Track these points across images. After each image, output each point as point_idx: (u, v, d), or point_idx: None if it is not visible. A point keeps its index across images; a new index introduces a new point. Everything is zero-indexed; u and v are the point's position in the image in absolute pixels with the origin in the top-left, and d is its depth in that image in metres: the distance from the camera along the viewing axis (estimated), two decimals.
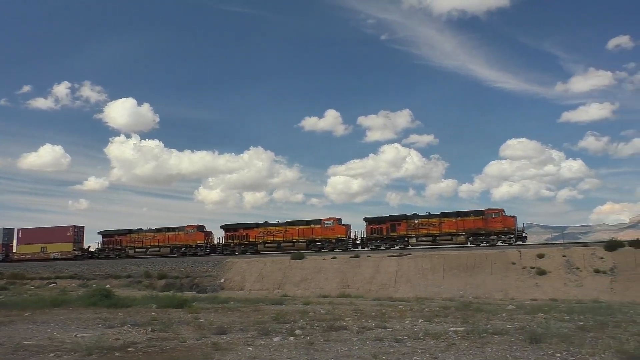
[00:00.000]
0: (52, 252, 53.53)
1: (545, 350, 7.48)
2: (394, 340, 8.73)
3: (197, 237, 49.87)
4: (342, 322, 11.35)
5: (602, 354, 7.19)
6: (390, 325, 10.70)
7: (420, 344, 8.30)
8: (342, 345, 8.45)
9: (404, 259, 34.51)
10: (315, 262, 36.32)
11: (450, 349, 7.87)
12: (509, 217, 43.70)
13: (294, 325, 10.85)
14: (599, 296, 23.92)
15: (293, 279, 34.38)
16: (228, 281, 35.41)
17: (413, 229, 44.69)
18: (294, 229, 47.33)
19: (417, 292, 28.38)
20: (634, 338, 8.53)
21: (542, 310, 13.69)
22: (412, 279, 32.02)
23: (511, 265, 31.60)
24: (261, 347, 8.41)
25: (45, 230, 55.96)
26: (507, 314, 12.74)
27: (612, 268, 29.29)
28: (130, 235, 51.98)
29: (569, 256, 31.18)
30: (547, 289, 27.99)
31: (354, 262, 35.32)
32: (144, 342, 9.09)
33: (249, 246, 47.98)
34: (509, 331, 9.42)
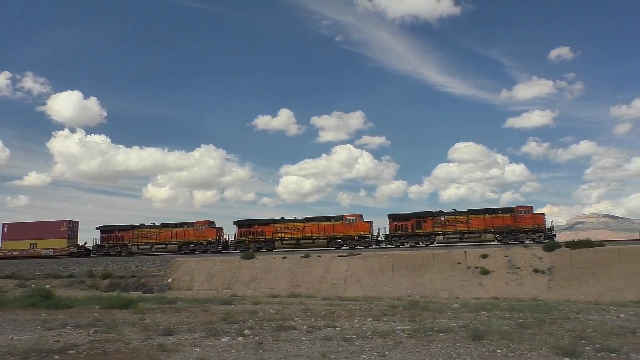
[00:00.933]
0: (43, 248, 50.18)
1: (487, 347, 7.75)
2: (343, 339, 8.81)
3: (207, 233, 47.96)
4: (292, 321, 11.35)
5: (539, 350, 7.52)
6: (339, 324, 10.79)
7: (369, 343, 8.42)
8: (291, 345, 8.45)
9: (354, 258, 34.88)
10: (266, 261, 36.14)
11: (397, 347, 8.02)
12: (538, 215, 43.48)
13: (242, 325, 10.76)
14: (537, 294, 25.02)
15: (243, 279, 34.08)
16: (176, 281, 34.67)
17: (439, 226, 44.00)
18: (313, 225, 45.77)
19: (367, 292, 28.78)
20: (568, 334, 8.98)
21: (485, 308, 14.16)
22: (361, 278, 32.42)
23: (457, 265, 32.55)
24: (209, 348, 8.30)
25: (35, 225, 52.40)
26: (452, 312, 13.10)
27: (550, 268, 30.73)
28: (133, 230, 49.51)
29: (511, 256, 32.45)
30: (490, 288, 29.03)
31: (305, 261, 35.39)
32: (86, 344, 8.77)
33: (265, 243, 46.09)
34: (453, 329, 9.69)
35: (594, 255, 30.95)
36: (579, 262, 30.57)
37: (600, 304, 17.32)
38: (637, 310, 14.08)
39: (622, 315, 12.42)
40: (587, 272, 29.64)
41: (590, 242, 33.56)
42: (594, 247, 32.26)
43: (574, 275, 29.63)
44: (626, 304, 17.32)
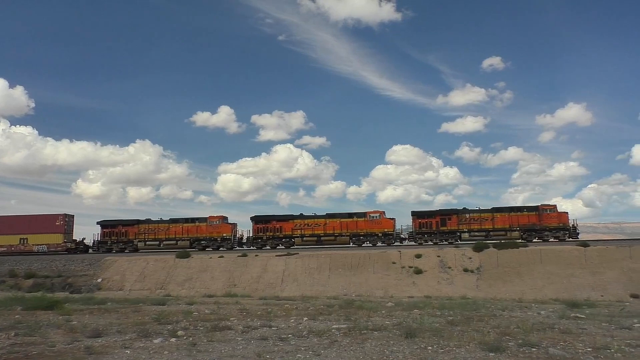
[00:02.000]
0: (35, 244, 46.42)
1: (418, 344, 8.00)
2: (279, 339, 8.81)
3: (222, 229, 46.23)
4: (227, 321, 11.21)
5: (467, 346, 7.86)
6: (275, 324, 10.78)
7: (304, 342, 8.47)
8: (226, 345, 8.35)
9: (291, 258, 34.92)
10: (202, 261, 35.49)
11: (332, 345, 8.11)
12: (563, 214, 43.54)
13: (176, 326, 10.50)
14: (466, 293, 26.12)
15: (177, 279, 33.28)
16: (106, 281, 33.32)
17: (464, 223, 43.82)
18: (335, 222, 44.87)
19: (304, 291, 28.91)
20: (494, 330, 9.44)
21: (418, 306, 14.61)
22: (299, 278, 32.52)
23: (392, 264, 33.36)
24: (140, 350, 8.04)
25: (25, 219, 48.25)
26: (387, 311, 13.41)
27: (479, 267, 32.16)
28: (139, 226, 47.09)
29: (443, 256, 33.66)
30: (423, 287, 29.98)
31: (242, 261, 35.05)
32: (6, 347, 8.25)
33: (284, 240, 44.92)
34: (387, 327, 9.92)
35: (519, 256, 32.70)
36: (505, 262, 32.20)
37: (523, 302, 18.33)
38: (555, 307, 15.01)
39: (542, 312, 13.20)
40: (512, 271, 31.27)
41: (516, 243, 35.41)
42: (519, 248, 34.07)
43: (500, 274, 31.17)
44: (546, 301, 18.44)
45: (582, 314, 12.77)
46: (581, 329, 9.94)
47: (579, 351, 7.50)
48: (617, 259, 31.07)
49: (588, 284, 28.79)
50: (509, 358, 7.01)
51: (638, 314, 12.98)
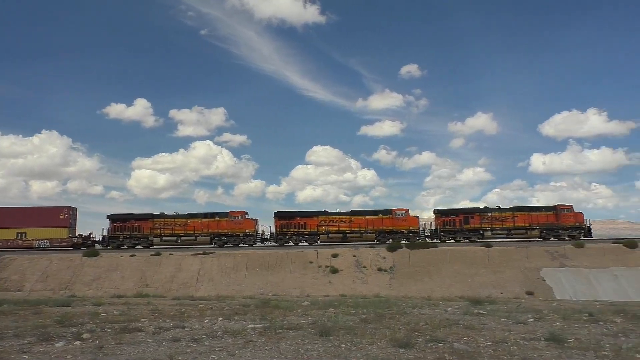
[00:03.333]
0: (36, 239, 42.32)
1: (333, 342, 8.16)
2: (192, 339, 8.61)
3: (245, 224, 44.31)
4: (138, 323, 10.78)
5: (379, 343, 8.13)
6: (189, 324, 10.52)
7: (219, 343, 8.34)
8: (136, 347, 8.03)
9: (207, 257, 34.24)
10: (111, 259, 33.85)
11: (247, 345, 8.06)
12: (579, 214, 44.75)
13: (81, 328, 9.93)
14: (380, 291, 26.98)
15: (84, 278, 31.51)
16: (3, 281, 30.86)
17: (487, 222, 44.41)
18: (360, 219, 44.28)
19: (219, 291, 28.45)
20: (404, 327, 9.83)
21: (333, 305, 14.86)
22: (214, 277, 31.95)
23: (309, 264, 33.71)
24: (40, 354, 7.52)
25: (24, 211, 43.81)
26: (302, 310, 13.52)
27: (392, 267, 33.34)
28: (154, 220, 44.16)
29: (359, 256, 34.53)
30: (339, 286, 30.57)
31: (155, 260, 33.85)
32: None
33: (309, 236, 43.79)
34: (302, 326, 10.02)
35: (429, 256, 34.31)
36: (417, 261, 33.65)
37: (432, 299, 19.22)
38: (460, 304, 15.89)
39: (449, 309, 13.93)
40: (422, 270, 32.74)
41: (426, 244, 37.12)
42: (429, 248, 35.74)
43: (412, 273, 32.52)
44: (452, 299, 19.47)
45: (484, 310, 13.63)
46: (483, 324, 10.61)
47: (480, 345, 8.01)
48: (516, 259, 33.51)
49: (490, 282, 30.81)
50: (417, 353, 7.34)
51: (532, 309, 14.07)
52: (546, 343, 8.24)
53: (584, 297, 26.95)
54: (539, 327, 10.22)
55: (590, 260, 33.05)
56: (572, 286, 30.05)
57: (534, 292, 28.73)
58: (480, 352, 7.48)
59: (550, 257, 33.60)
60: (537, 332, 9.39)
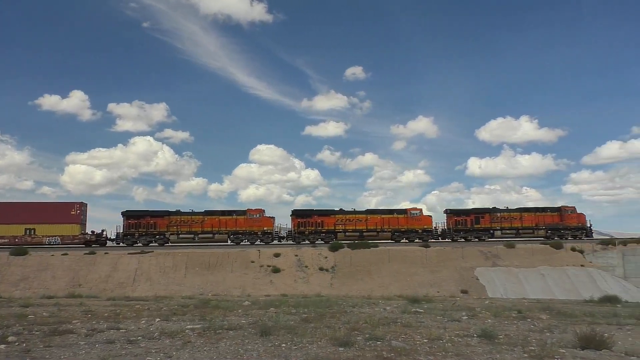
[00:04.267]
0: (46, 235, 40.37)
1: (273, 342, 8.14)
2: (127, 341, 8.34)
3: (263, 222, 44.00)
4: (69, 325, 10.30)
5: (319, 342, 8.19)
6: (124, 326, 10.17)
7: (155, 344, 8.12)
8: (67, 350, 7.68)
9: (145, 256, 33.27)
10: (41, 258, 32.19)
11: (185, 346, 7.90)
12: (581, 214, 46.29)
13: (6, 331, 9.38)
14: (321, 291, 27.15)
15: (11, 278, 29.81)
16: None
17: (497, 222, 45.25)
18: (376, 218, 44.76)
19: (157, 291, 27.69)
20: (344, 326, 9.96)
21: (274, 305, 14.83)
22: (152, 277, 31.09)
23: (251, 263, 33.47)
24: None
25: (33, 207, 42.00)
26: (243, 310, 13.41)
27: (333, 266, 33.68)
28: (170, 217, 43.23)
29: (301, 256, 34.64)
30: (280, 285, 30.54)
31: (89, 259, 32.51)
32: None
33: (327, 234, 43.69)
34: (243, 326, 9.93)
35: (370, 256, 34.93)
36: (358, 261, 34.17)
37: (372, 298, 19.58)
38: (399, 302, 16.29)
39: (388, 308, 14.24)
40: (363, 270, 33.28)
41: (367, 244, 37.75)
42: (370, 248, 36.38)
43: (353, 273, 32.99)
44: (391, 298, 19.91)
45: (421, 308, 14.04)
46: (420, 322, 10.93)
47: (417, 342, 8.25)
48: (452, 258, 34.75)
49: (428, 281, 31.76)
50: (356, 352, 7.45)
51: (466, 307, 14.64)
52: (478, 340, 8.59)
53: (514, 295, 28.32)
54: (472, 324, 10.65)
55: (520, 260, 34.78)
56: (503, 285, 31.50)
57: (468, 291, 29.88)
58: (417, 349, 7.70)
59: (484, 257, 35.06)
60: (470, 329, 9.78)
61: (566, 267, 34.02)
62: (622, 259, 35.41)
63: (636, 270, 34.98)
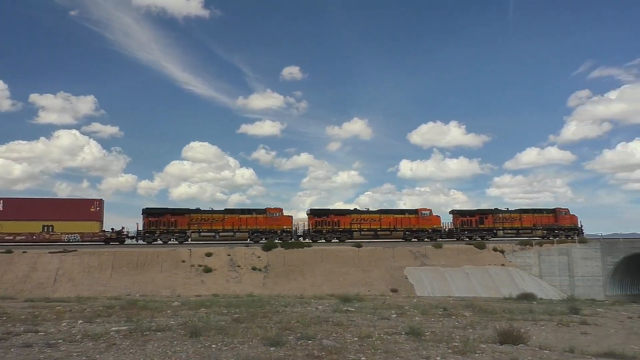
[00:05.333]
0: (65, 232, 39.59)
1: (203, 343, 8.00)
2: (46, 345, 7.90)
3: (283, 221, 44.43)
4: None
5: (250, 342, 8.15)
6: (43, 328, 9.63)
7: (77, 347, 7.75)
8: None
9: (67, 255, 31.64)
10: None
11: (110, 349, 7.60)
12: (574, 216, 48.79)
13: None
14: (253, 290, 26.98)
15: None
16: None
17: (499, 222, 47.24)
18: (390, 218, 46.18)
19: (81, 292, 26.41)
20: (276, 326, 9.96)
21: (205, 305, 14.58)
22: (75, 277, 29.64)
23: (181, 263, 32.67)
24: None
25: (51, 203, 41.24)
26: (172, 311, 13.09)
27: (266, 266, 33.56)
28: (191, 215, 42.87)
29: (233, 255, 34.24)
30: (212, 285, 30.04)
31: (5, 258, 30.49)
32: None
33: (343, 233, 44.70)
34: (172, 327, 9.69)
35: (303, 255, 35.11)
36: (291, 261, 34.25)
37: (304, 298, 19.70)
38: (331, 302, 16.51)
39: (320, 307, 14.40)
40: (296, 269, 33.41)
41: (301, 244, 37.93)
42: (304, 248, 36.56)
43: (286, 272, 33.03)
44: (323, 297, 20.15)
45: (352, 307, 14.31)
46: (351, 321, 11.13)
47: (347, 341, 8.40)
48: (383, 258, 35.62)
49: (359, 280, 32.37)
50: (287, 351, 7.48)
51: (396, 306, 15.08)
52: (406, 337, 8.89)
53: (441, 293, 29.49)
54: (400, 322, 10.98)
55: (447, 259, 36.24)
56: (431, 283, 32.70)
57: (398, 290, 30.76)
58: (347, 347, 7.84)
59: (413, 257, 36.22)
60: (398, 327, 10.09)
61: (488, 267, 35.84)
62: (538, 259, 37.81)
63: (550, 269, 37.48)
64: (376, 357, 7.17)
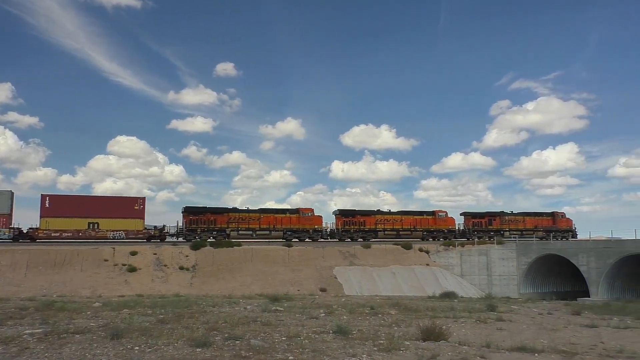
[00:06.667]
0: (110, 230, 39.96)
1: (125, 345, 7.72)
2: None
3: (314, 221, 45.73)
4: None
5: (175, 343, 7.95)
6: None
7: None
8: None
9: None
10: None
11: (22, 353, 7.16)
12: (569, 219, 52.77)
13: None
14: (180, 290, 26.32)
15: None
16: None
17: (505, 224, 50.04)
18: (410, 219, 48.25)
19: None
20: (203, 326, 9.79)
21: (128, 306, 14.06)
22: None
23: (103, 262, 31.28)
24: None
25: (96, 201, 42.04)
26: (93, 312, 12.53)
27: (194, 265, 32.85)
28: (229, 214, 43.66)
29: (160, 254, 33.22)
30: (136, 285, 28.97)
31: None
32: None
33: (368, 233, 46.39)
34: (92, 329, 9.28)
35: (233, 255, 34.67)
36: (220, 260, 33.71)
37: (233, 297, 19.49)
38: (260, 301, 16.44)
39: (248, 307, 14.30)
40: (225, 269, 32.93)
41: (231, 242, 37.43)
42: (233, 247, 36.11)
43: (214, 272, 32.47)
44: (253, 297, 20.02)
45: (282, 307, 14.34)
46: (279, 320, 11.15)
47: (275, 340, 8.41)
48: (313, 258, 35.91)
49: (289, 280, 32.43)
50: (214, 352, 7.37)
51: (324, 305, 15.26)
52: (334, 335, 9.03)
53: (368, 292, 30.18)
54: (328, 321, 11.14)
55: (375, 259, 37.13)
56: (359, 283, 33.37)
57: (327, 289, 31.13)
58: (276, 347, 7.85)
59: (343, 257, 36.79)
60: (327, 326, 10.23)
61: (414, 266, 37.09)
62: (460, 259, 39.65)
63: (471, 268, 39.42)
64: (304, 356, 7.23)
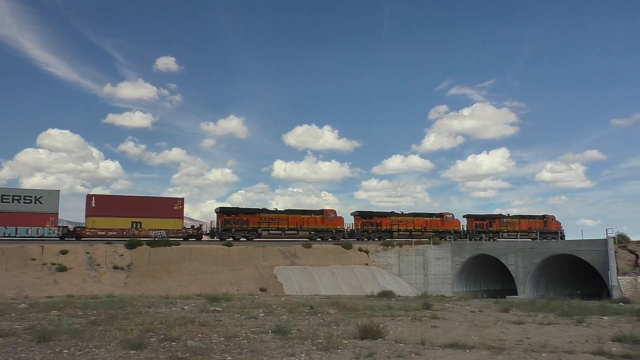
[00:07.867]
0: (152, 229, 40.75)
1: (53, 348, 7.36)
2: None
3: (337, 221, 48.30)
4: None
5: (108, 345, 7.66)
6: None
7: None
8: None
9: None
10: None
11: None
12: (558, 222, 57.54)
13: None
14: (114, 291, 25.39)
15: None
16: None
17: (504, 225, 54.05)
18: (421, 220, 51.35)
19: None
20: (138, 328, 9.50)
21: (57, 307, 13.44)
22: None
23: (31, 261, 29.70)
24: None
25: (139, 201, 42.21)
26: (18, 314, 11.87)
27: (130, 264, 31.79)
28: (260, 215, 45.85)
29: (92, 253, 31.90)
30: (66, 286, 27.70)
31: None
32: None
33: (385, 233, 48.73)
34: (16, 332, 8.80)
35: (170, 254, 33.85)
36: (157, 259, 32.82)
37: (170, 298, 19.02)
38: (198, 301, 16.15)
39: (186, 307, 14.01)
40: (162, 268, 32.09)
41: (169, 242, 36.53)
42: (171, 246, 35.25)
43: (151, 271, 31.56)
44: (191, 297, 19.63)
45: (220, 307, 14.15)
46: (218, 320, 11.00)
47: (213, 341, 8.29)
48: (253, 257, 35.67)
49: (228, 279, 32.03)
50: (149, 354, 7.17)
51: (264, 305, 15.20)
52: (273, 335, 9.02)
53: (308, 291, 30.32)
54: (268, 321, 11.10)
55: (315, 259, 37.37)
56: (299, 282, 33.47)
57: (267, 289, 31.00)
58: (213, 347, 7.75)
59: (283, 257, 36.78)
60: (266, 326, 10.20)
61: (353, 266, 37.65)
62: (398, 259, 40.66)
63: (408, 268, 40.51)
64: (242, 357, 7.18)
